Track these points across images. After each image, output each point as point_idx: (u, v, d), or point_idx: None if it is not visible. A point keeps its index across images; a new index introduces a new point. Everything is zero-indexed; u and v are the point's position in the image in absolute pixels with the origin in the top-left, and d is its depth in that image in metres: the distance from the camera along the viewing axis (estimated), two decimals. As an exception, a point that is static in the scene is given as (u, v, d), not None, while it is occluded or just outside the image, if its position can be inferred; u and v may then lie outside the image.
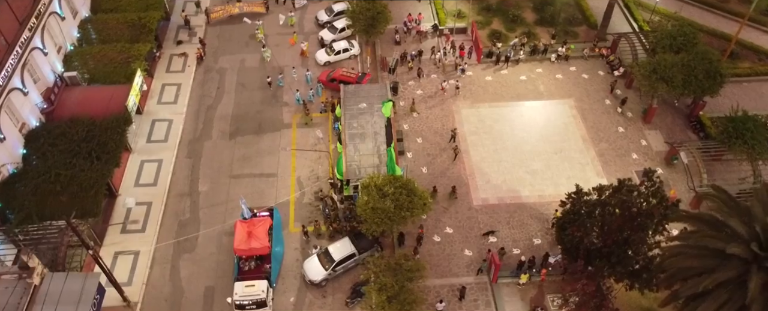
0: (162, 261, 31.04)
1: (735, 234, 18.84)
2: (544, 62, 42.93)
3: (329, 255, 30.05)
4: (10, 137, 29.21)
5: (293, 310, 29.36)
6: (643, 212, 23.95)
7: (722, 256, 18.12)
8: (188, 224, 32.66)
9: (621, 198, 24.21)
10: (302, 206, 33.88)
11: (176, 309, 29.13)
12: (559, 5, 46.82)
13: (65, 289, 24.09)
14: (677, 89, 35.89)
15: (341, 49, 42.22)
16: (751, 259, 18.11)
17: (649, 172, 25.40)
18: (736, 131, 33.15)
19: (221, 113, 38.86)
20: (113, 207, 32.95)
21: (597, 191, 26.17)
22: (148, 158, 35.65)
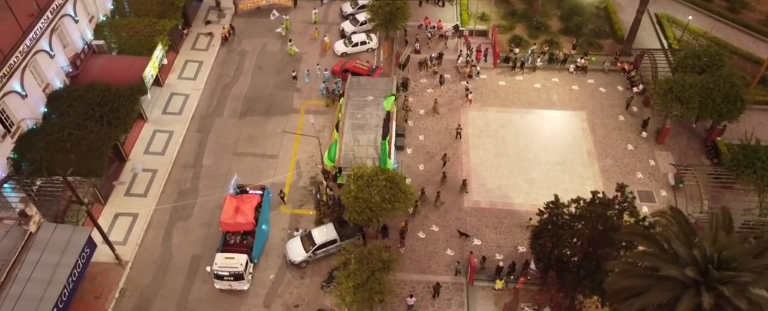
0: (157, 225, 32.74)
1: (678, 257, 18.34)
2: (563, 72, 42.28)
3: (312, 238, 30.92)
4: (32, 95, 31.49)
5: (271, 287, 30.41)
6: (611, 227, 23.53)
7: (662, 277, 17.69)
8: (187, 193, 34.26)
9: (593, 212, 23.86)
10: (297, 189, 34.89)
11: (163, 272, 30.71)
12: (587, 16, 45.92)
13: (57, 239, 26.01)
14: (693, 110, 34.71)
15: (359, 42, 42.94)
16: (690, 283, 17.60)
17: (622, 187, 24.85)
18: (746, 160, 31.83)
19: (235, 93, 40.37)
20: (121, 171, 34.96)
21: (574, 203, 25.85)
22: (160, 129, 37.53)
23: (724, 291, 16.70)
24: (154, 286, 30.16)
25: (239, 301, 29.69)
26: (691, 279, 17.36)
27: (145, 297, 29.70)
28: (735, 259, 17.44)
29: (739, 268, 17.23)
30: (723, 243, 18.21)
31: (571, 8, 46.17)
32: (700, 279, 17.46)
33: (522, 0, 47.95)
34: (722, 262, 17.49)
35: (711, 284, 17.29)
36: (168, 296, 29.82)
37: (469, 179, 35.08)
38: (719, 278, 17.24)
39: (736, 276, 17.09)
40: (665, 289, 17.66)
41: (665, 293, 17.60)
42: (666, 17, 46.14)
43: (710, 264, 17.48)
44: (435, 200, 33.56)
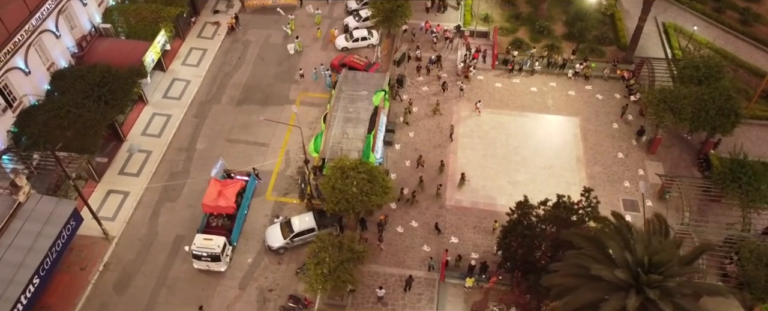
0: (146, 204, 33.96)
1: (610, 259, 18.36)
2: (561, 77, 42.10)
3: (290, 225, 31.68)
4: (36, 72, 32.99)
5: (248, 270, 31.29)
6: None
7: (595, 278, 17.74)
8: (178, 175, 35.40)
9: (557, 215, 23.93)
10: (284, 177, 35.72)
11: (147, 249, 31.88)
12: (592, 22, 45.48)
13: (44, 210, 27.35)
14: (685, 121, 34.28)
15: (360, 37, 43.53)
16: (622, 284, 17.62)
17: (587, 191, 24.80)
18: (732, 174, 31.34)
19: (235, 81, 41.42)
20: (118, 150, 36.33)
21: (542, 206, 25.93)
22: (159, 112, 38.81)
23: (650, 295, 16.74)
24: (137, 262, 31.35)
25: (216, 282, 30.65)
26: (621, 280, 17.43)
27: (127, 272, 30.91)
28: (664, 264, 17.43)
29: (667, 273, 17.22)
30: (655, 247, 18.20)
31: (577, 14, 45.84)
32: (632, 282, 17.52)
33: (528, 3, 47.82)
34: (653, 266, 17.50)
35: (641, 287, 17.34)
36: (149, 272, 30.96)
37: (453, 178, 35.36)
38: (648, 281, 17.27)
39: (663, 280, 17.08)
40: (596, 289, 17.76)
41: (595, 293, 17.70)
42: (673, 26, 45.46)
43: (640, 267, 17.52)
44: (412, 197, 33.94)
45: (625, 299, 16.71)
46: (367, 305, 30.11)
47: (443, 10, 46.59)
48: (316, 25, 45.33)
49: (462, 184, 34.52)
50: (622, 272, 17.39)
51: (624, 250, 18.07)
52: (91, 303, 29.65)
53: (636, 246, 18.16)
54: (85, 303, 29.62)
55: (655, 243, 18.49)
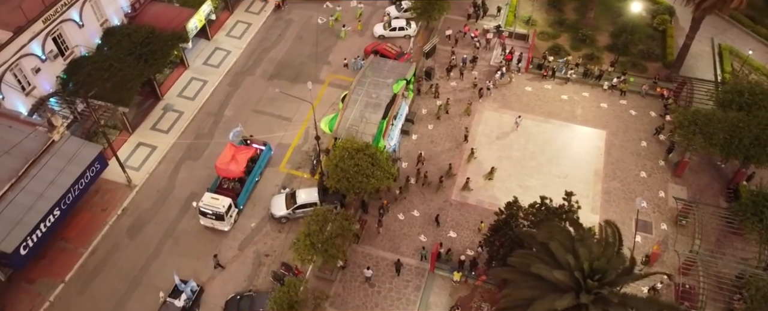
0: (170, 160, 36.22)
1: (557, 262, 18.01)
2: (596, 88, 40.91)
3: (294, 197, 32.91)
4: (89, 27, 35.84)
5: (249, 233, 32.84)
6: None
7: (539, 277, 17.54)
8: (203, 137, 37.45)
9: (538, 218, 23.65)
10: (299, 152, 37.03)
11: (162, 201, 34.10)
12: (639, 36, 43.77)
13: (73, 150, 29.91)
14: (715, 147, 32.57)
15: (398, 27, 44.07)
16: (562, 286, 17.27)
17: (569, 195, 24.28)
18: (755, 207, 29.58)
19: (271, 57, 43.11)
20: (154, 107, 38.87)
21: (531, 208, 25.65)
22: (197, 77, 41.11)
23: (582, 298, 16.40)
24: (152, 211, 33.61)
25: (218, 240, 32.39)
26: (560, 281, 17.16)
27: (141, 219, 33.23)
28: (603, 271, 16.99)
29: (603, 279, 16.77)
30: (597, 254, 17.73)
31: (625, 26, 44.24)
32: (572, 285, 17.19)
33: (576, 11, 46.63)
34: (593, 272, 17.09)
35: (580, 290, 17.01)
36: (160, 222, 33.14)
37: (463, 174, 35.40)
38: (587, 286, 16.91)
39: (599, 287, 16.68)
40: (537, 287, 17.58)
41: (535, 291, 17.53)
42: (729, 49, 42.98)
43: (578, 271, 17.15)
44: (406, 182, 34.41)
45: (554, 301, 16.55)
46: (354, 283, 30.89)
47: (483, 16, 45.85)
48: (356, 18, 45.94)
49: (466, 187, 34.42)
50: (562, 274, 17.17)
51: (567, 253, 17.81)
52: (105, 242, 32.15)
53: (580, 251, 17.84)
54: (99, 242, 32.15)
55: (597, 250, 18.08)
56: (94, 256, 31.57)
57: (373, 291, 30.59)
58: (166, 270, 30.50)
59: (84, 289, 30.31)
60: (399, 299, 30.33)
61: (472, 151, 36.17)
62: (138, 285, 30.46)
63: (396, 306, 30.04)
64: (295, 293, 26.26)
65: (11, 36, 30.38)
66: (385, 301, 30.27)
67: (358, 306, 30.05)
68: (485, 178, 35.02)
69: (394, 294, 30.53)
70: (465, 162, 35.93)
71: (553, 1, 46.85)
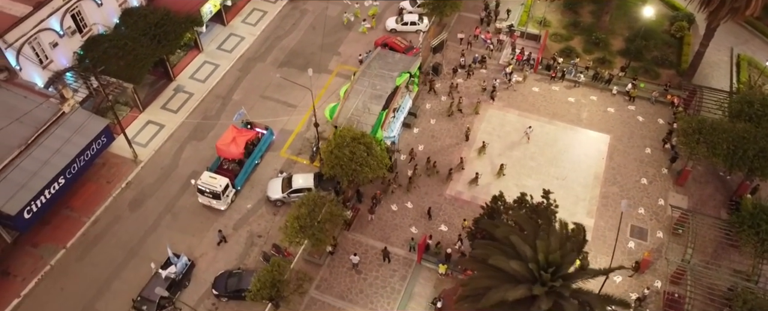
0: (176, 139, 37.34)
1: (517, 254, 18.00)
2: (604, 92, 40.42)
3: (290, 181, 33.58)
4: (108, 6, 37.15)
5: (245, 214, 33.65)
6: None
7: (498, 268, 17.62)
8: (210, 119, 38.47)
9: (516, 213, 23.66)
10: (301, 139, 37.70)
11: (164, 178, 35.21)
12: (655, 42, 43.06)
13: (80, 122, 31.21)
14: (718, 157, 31.88)
15: (409, 22, 44.33)
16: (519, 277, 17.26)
17: (546, 193, 24.15)
18: (752, 219, 28.89)
19: (283, 45, 43.91)
20: (165, 87, 40.10)
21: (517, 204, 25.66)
22: (210, 60, 42.20)
23: (534, 290, 16.40)
24: (154, 187, 34.75)
25: (214, 218, 33.31)
26: (516, 271, 17.20)
27: (143, 193, 34.40)
28: (557, 264, 16.93)
29: (557, 272, 16.71)
30: (554, 248, 17.68)
31: (641, 30, 43.48)
32: (528, 276, 17.20)
33: (592, 14, 46.05)
34: (549, 265, 17.06)
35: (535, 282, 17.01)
36: (161, 198, 34.25)
37: (459, 170, 35.52)
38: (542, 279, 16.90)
39: (551, 278, 16.64)
40: (495, 278, 17.65)
41: (493, 281, 17.61)
42: (747, 59, 41.88)
43: (533, 263, 17.14)
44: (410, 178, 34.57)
45: (508, 290, 16.62)
46: (342, 269, 31.38)
47: (495, 20, 45.38)
48: (369, 15, 46.15)
49: (474, 182, 34.44)
50: (518, 264, 17.22)
51: (526, 245, 17.84)
52: (107, 213, 33.41)
53: (537, 243, 17.85)
54: (102, 212, 33.43)
55: (555, 244, 18.04)
56: (95, 225, 32.85)
57: (359, 278, 31.03)
58: (162, 244, 31.51)
59: (83, 256, 31.60)
60: (384, 287, 30.69)
61: (483, 144, 36.15)
62: (134, 255, 31.57)
63: (380, 294, 30.41)
64: (278, 273, 26.85)
65: (31, 10, 31.81)
66: (371, 288, 30.67)
67: (343, 291, 30.54)
68: (496, 175, 34.92)
69: (380, 282, 30.90)
70: (476, 156, 36.00)
71: (569, 3, 46.38)
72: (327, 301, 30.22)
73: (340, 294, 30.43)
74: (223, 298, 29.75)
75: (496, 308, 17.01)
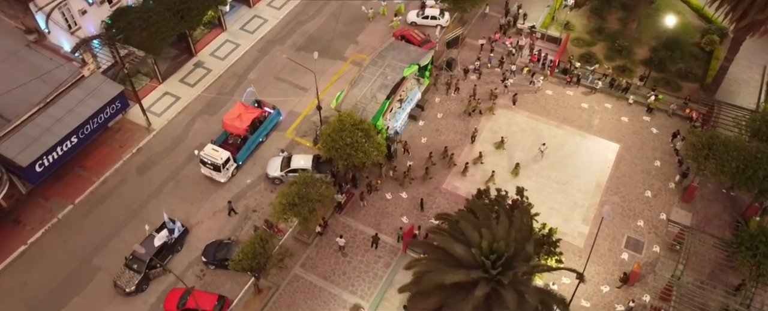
0: (189, 111, 38.76)
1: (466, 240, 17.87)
2: (620, 101, 39.40)
3: (289, 161, 34.37)
4: (138, -21, 38.90)
5: (243, 188, 34.68)
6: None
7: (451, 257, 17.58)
8: (223, 95, 39.73)
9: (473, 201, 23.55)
10: (308, 122, 38.44)
11: (173, 147, 36.62)
12: (681, 54, 41.60)
13: (97, 86, 32.86)
14: (726, 175, 30.69)
15: (430, 16, 44.37)
16: (467, 264, 17.12)
17: (520, 191, 23.83)
18: (751, 241, 27.73)
19: (304, 30, 44.76)
20: (186, 62, 41.62)
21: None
22: (232, 40, 43.50)
23: (472, 274, 16.31)
24: (162, 155, 36.23)
25: (213, 189, 34.47)
26: (461, 256, 17.14)
27: (151, 160, 35.91)
28: (499, 252, 16.74)
29: (497, 261, 16.54)
30: (499, 236, 17.48)
31: (669, 42, 42.11)
32: (471, 261, 17.10)
33: (620, 20, 44.87)
34: (492, 252, 16.92)
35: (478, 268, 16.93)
36: (167, 165, 35.67)
37: (460, 166, 35.45)
38: (484, 266, 16.80)
39: (492, 266, 16.50)
40: (444, 261, 17.65)
41: (440, 264, 17.62)
42: (779, 78, 40.02)
43: (477, 249, 17.02)
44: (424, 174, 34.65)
45: (452, 273, 16.64)
46: (328, 250, 31.94)
47: (513, 25, 44.64)
48: (395, 12, 45.83)
49: (491, 179, 34.03)
50: (462, 248, 17.18)
51: (474, 232, 17.77)
52: (115, 175, 35.08)
53: (483, 231, 17.74)
54: (111, 174, 35.11)
55: (501, 233, 17.87)
56: (103, 186, 34.55)
57: (344, 261, 31.51)
58: (162, 209, 32.84)
59: (89, 213, 33.31)
60: (367, 272, 31.07)
61: (502, 139, 35.96)
62: (135, 217, 33.06)
63: (362, 278, 30.81)
64: (261, 245, 27.61)
65: (62, -23, 33.70)
66: (354, 272, 31.11)
67: (326, 271, 31.09)
68: (511, 173, 34.74)
69: (364, 266, 31.30)
70: (493, 151, 36.00)
71: (596, 9, 45.35)
72: (310, 279, 30.86)
73: (323, 274, 31.01)
74: (211, 266, 30.83)
75: (437, 291, 17.10)
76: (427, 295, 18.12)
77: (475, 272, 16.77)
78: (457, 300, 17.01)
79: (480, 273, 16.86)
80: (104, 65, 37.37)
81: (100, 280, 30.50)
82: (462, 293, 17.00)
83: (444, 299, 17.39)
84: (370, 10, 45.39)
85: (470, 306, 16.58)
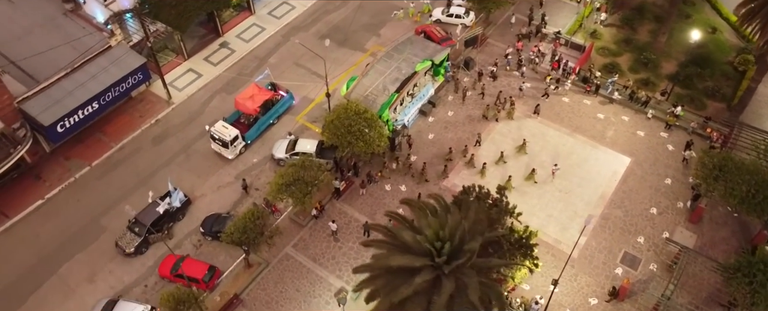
0: (209, 89, 40.21)
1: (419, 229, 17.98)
2: (639, 114, 38.34)
3: (294, 144, 35.23)
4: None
5: (249, 167, 35.78)
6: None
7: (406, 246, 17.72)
8: (243, 76, 40.99)
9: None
10: (320, 108, 39.19)
11: (189, 121, 38.08)
12: (711, 71, 40.06)
13: (121, 56, 34.63)
14: (735, 198, 29.52)
15: (454, 14, 44.31)
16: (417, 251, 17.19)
17: (501, 189, 23.60)
18: (749, 268, 26.61)
19: (329, 19, 45.56)
20: (212, 42, 43.14)
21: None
22: (258, 24, 44.77)
23: (416, 261, 16.41)
24: (177, 127, 37.78)
25: (220, 165, 35.74)
26: (408, 242, 17.25)
27: (166, 132, 37.52)
28: (442, 241, 16.74)
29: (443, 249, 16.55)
30: (444, 224, 17.47)
31: (700, 58, 40.59)
32: (419, 248, 17.20)
33: (650, 32, 43.56)
34: (440, 241, 16.95)
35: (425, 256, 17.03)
36: (181, 139, 37.18)
37: (463, 164, 35.42)
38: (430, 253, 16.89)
39: (438, 254, 16.54)
40: (395, 248, 17.84)
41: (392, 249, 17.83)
42: (814, 106, 37.95)
43: (422, 236, 17.11)
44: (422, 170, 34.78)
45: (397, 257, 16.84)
46: (321, 234, 32.61)
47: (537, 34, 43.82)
48: (421, 12, 45.75)
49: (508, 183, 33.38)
50: (410, 235, 17.34)
51: (425, 219, 17.91)
52: (132, 143, 36.85)
53: (430, 220, 17.82)
54: (129, 142, 36.91)
55: (452, 223, 17.89)
56: (120, 152, 36.36)
57: (335, 245, 32.11)
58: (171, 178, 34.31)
59: (103, 176, 35.17)
60: (356, 259, 31.52)
61: (523, 142, 35.60)
62: (144, 184, 34.64)
63: (350, 264, 31.24)
64: (252, 221, 28.52)
65: (100, -49, 35.62)
66: (344, 257, 31.66)
67: (316, 254, 31.77)
68: (526, 180, 34.30)
69: (354, 253, 31.79)
70: (515, 152, 35.72)
71: (628, 19, 44.16)
72: (300, 260, 31.61)
73: (313, 256, 31.69)
74: (208, 237, 32.03)
75: (386, 274, 17.34)
76: (376, 277, 18.47)
77: (421, 259, 16.96)
78: (399, 284, 17.28)
79: (426, 260, 17.05)
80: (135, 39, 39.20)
81: (105, 239, 32.20)
82: (407, 277, 17.22)
83: (389, 281, 17.69)
84: (399, 11, 45.53)
85: (410, 290, 16.84)
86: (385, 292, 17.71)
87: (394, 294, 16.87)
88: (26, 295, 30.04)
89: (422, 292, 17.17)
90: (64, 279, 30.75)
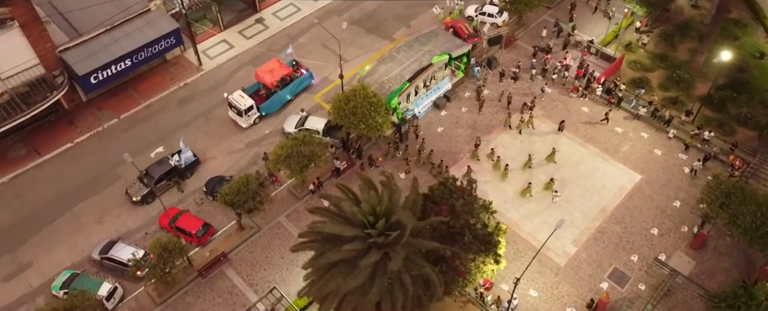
0: (239, 60, 42.15)
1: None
2: (659, 133, 36.92)
3: (305, 120, 36.45)
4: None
5: (261, 137, 37.38)
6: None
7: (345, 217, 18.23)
8: (273, 51, 42.54)
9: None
10: (338, 90, 40.12)
11: (214, 88, 40.10)
12: (749, 97, 37.91)
13: (156, 20, 37.03)
14: (738, 228, 28.16)
15: (487, 13, 44.07)
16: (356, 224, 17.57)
17: (471, 182, 23.52)
18: (734, 299, 25.37)
19: (363, 6, 46.44)
20: (248, 17, 45.09)
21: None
22: (295, 4, 46.22)
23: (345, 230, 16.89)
24: (203, 92, 39.93)
25: (234, 132, 37.55)
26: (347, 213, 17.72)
27: (192, 96, 39.75)
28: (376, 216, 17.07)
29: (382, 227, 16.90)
30: (378, 201, 17.74)
31: (739, 83, 38.50)
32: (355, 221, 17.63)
33: (690, 51, 41.64)
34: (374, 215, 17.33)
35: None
36: (204, 103, 39.29)
37: (466, 161, 35.47)
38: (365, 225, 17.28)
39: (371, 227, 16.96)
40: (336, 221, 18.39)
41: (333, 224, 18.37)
42: None
43: (357, 208, 17.51)
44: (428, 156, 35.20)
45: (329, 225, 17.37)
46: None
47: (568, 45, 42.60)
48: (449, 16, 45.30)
49: (527, 191, 33.53)
50: (348, 206, 17.84)
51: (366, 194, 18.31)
52: (159, 102, 39.31)
53: (370, 194, 18.17)
54: (156, 101, 39.40)
55: (386, 199, 18.18)
56: (147, 109, 38.90)
57: (325, 221, 33.08)
58: (187, 137, 36.36)
59: (128, 128, 37.79)
60: (343, 237, 32.39)
61: (553, 150, 34.86)
62: (162, 141, 36.67)
63: (336, 241, 32.20)
64: (245, 185, 29.95)
65: None
66: (331, 234, 32.59)
67: (306, 226, 32.76)
68: (544, 189, 33.87)
69: (342, 231, 32.65)
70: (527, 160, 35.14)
71: (667, 35, 42.40)
72: (290, 230, 32.84)
73: (303, 228, 32.64)
74: (209, 197, 33.83)
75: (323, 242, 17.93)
76: (313, 242, 19.18)
77: (354, 230, 17.52)
78: (330, 249, 17.90)
79: (358, 231, 17.58)
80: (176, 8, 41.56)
81: (118, 186, 34.69)
82: (337, 242, 17.82)
83: (323, 248, 18.33)
84: (441, 10, 45.63)
85: (339, 257, 17.41)
86: (315, 257, 18.46)
87: (322, 257, 17.56)
88: (43, 226, 32.95)
89: (350, 260, 17.80)
90: (77, 216, 33.45)
